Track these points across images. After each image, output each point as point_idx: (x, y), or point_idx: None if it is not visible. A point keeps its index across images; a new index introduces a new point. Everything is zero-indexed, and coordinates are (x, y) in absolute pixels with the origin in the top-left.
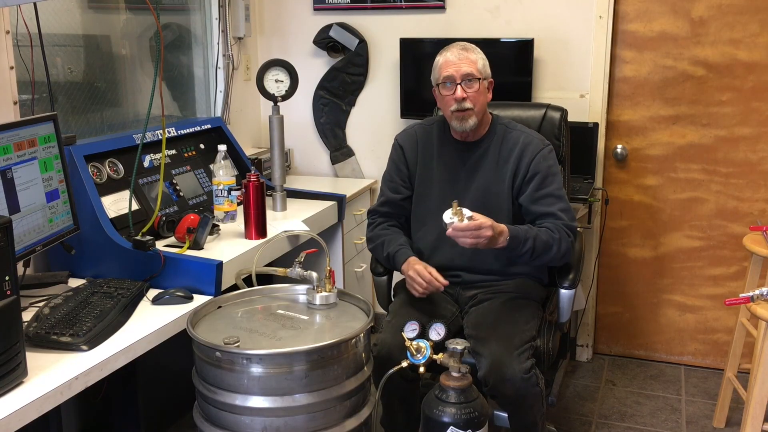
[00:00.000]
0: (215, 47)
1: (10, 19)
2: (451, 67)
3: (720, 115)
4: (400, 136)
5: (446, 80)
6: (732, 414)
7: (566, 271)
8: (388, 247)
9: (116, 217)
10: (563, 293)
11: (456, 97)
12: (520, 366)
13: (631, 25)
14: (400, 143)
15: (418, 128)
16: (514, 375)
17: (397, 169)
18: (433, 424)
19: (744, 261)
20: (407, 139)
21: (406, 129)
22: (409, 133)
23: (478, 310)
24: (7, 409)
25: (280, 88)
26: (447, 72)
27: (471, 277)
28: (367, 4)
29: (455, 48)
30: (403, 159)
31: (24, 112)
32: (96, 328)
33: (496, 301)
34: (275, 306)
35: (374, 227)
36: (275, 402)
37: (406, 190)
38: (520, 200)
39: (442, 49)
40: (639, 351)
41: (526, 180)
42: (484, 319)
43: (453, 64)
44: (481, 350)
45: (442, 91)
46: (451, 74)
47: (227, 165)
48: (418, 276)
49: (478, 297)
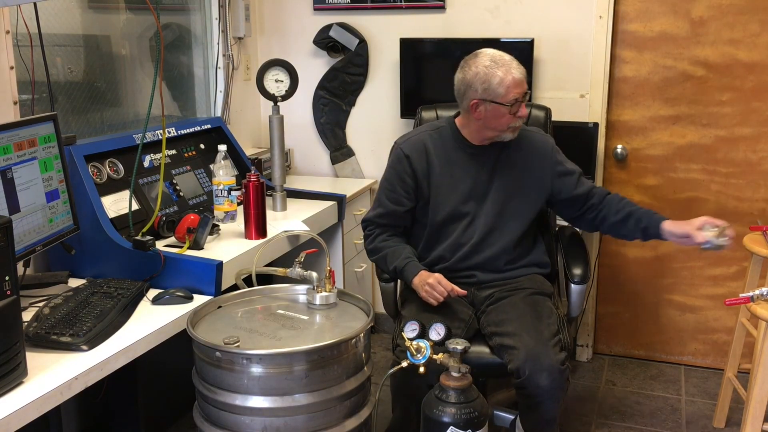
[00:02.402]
0: (215, 47)
1: (10, 19)
2: (520, 88)
3: (720, 115)
4: (405, 145)
5: (518, 100)
6: (732, 414)
7: (576, 266)
8: (394, 261)
9: (116, 217)
10: (574, 288)
11: (522, 114)
12: (557, 357)
13: (631, 25)
14: (406, 153)
15: (425, 135)
16: (552, 365)
17: (400, 180)
18: (433, 424)
19: (744, 261)
20: (414, 149)
21: (409, 137)
22: (415, 142)
23: (498, 307)
24: (7, 409)
25: (280, 88)
26: (517, 93)
27: (485, 276)
28: (367, 4)
29: (514, 64)
30: (409, 170)
31: (24, 112)
32: (96, 328)
33: (515, 298)
34: (275, 306)
35: (373, 239)
36: (275, 402)
37: (409, 202)
38: (562, 195)
39: (494, 62)
40: (639, 351)
41: (558, 176)
42: (507, 315)
43: (521, 84)
44: (513, 343)
45: (507, 108)
46: (520, 94)
47: (227, 165)
48: (437, 287)
49: (495, 295)
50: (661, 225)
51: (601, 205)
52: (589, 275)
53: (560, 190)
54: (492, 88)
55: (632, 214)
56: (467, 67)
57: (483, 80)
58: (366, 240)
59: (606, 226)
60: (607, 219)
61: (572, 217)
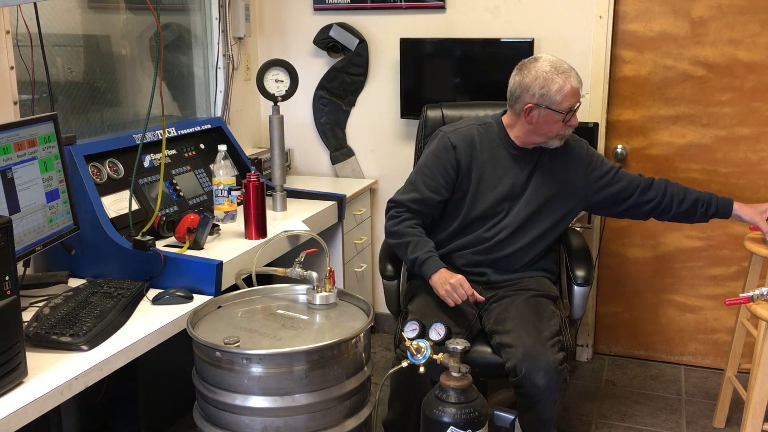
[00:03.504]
0: (215, 47)
1: (10, 19)
2: (576, 97)
3: (720, 115)
4: (453, 135)
5: (573, 108)
6: (732, 414)
7: (579, 268)
8: (416, 251)
9: (116, 217)
10: (576, 290)
11: (572, 124)
12: (554, 357)
13: (631, 25)
14: (453, 142)
15: (474, 129)
16: (549, 365)
17: (443, 169)
18: (433, 424)
19: (744, 261)
20: (462, 140)
21: (457, 127)
22: (465, 133)
23: (500, 305)
24: (7, 409)
25: (280, 88)
26: (572, 102)
27: (496, 277)
28: (367, 4)
29: (573, 73)
30: (453, 160)
31: (24, 112)
32: (96, 328)
33: (518, 298)
34: (275, 306)
35: (399, 222)
36: (275, 402)
37: (446, 192)
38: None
39: (555, 69)
40: (639, 351)
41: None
42: (508, 314)
43: (577, 93)
44: (511, 341)
45: (560, 116)
46: (575, 104)
47: (227, 165)
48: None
49: (499, 294)
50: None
51: (656, 197)
52: (592, 277)
53: (596, 192)
54: (549, 95)
55: (698, 201)
56: (526, 70)
57: (542, 85)
58: (391, 220)
59: (670, 216)
60: (670, 209)
61: (619, 212)
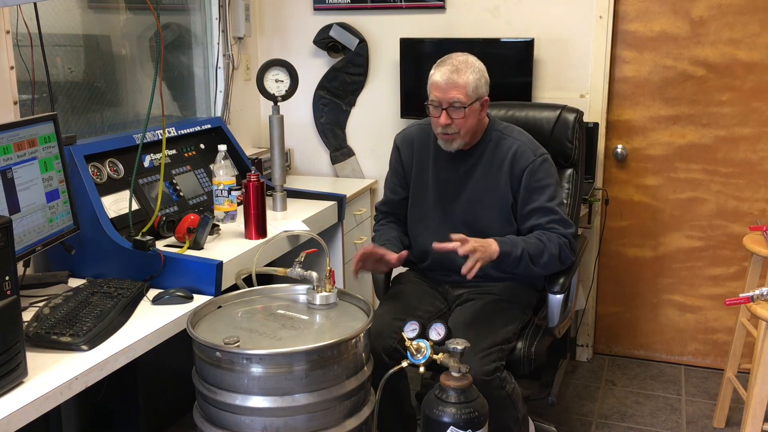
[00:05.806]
0: (215, 47)
1: (10, 19)
2: (437, 92)
3: (720, 115)
4: (398, 136)
5: (433, 103)
6: (732, 414)
7: (556, 276)
8: (377, 242)
9: (116, 217)
10: (552, 298)
11: (440, 123)
12: (482, 368)
13: (631, 25)
14: (397, 144)
15: (415, 129)
16: (476, 375)
17: (394, 170)
18: (433, 424)
19: (744, 261)
20: (404, 141)
21: (404, 129)
22: (406, 134)
23: (462, 309)
24: (7, 409)
25: (280, 88)
26: (434, 96)
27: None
28: (367, 4)
29: (446, 69)
30: (399, 160)
31: (24, 112)
32: (96, 328)
33: (479, 302)
34: (275, 306)
35: (376, 224)
36: (275, 402)
37: (402, 191)
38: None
39: (438, 63)
40: (639, 351)
41: (518, 193)
42: (462, 319)
43: (440, 89)
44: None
45: (431, 110)
46: (437, 99)
47: (227, 165)
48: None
49: (464, 296)
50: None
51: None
52: (566, 286)
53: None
54: (428, 88)
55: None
56: None
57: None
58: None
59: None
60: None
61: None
